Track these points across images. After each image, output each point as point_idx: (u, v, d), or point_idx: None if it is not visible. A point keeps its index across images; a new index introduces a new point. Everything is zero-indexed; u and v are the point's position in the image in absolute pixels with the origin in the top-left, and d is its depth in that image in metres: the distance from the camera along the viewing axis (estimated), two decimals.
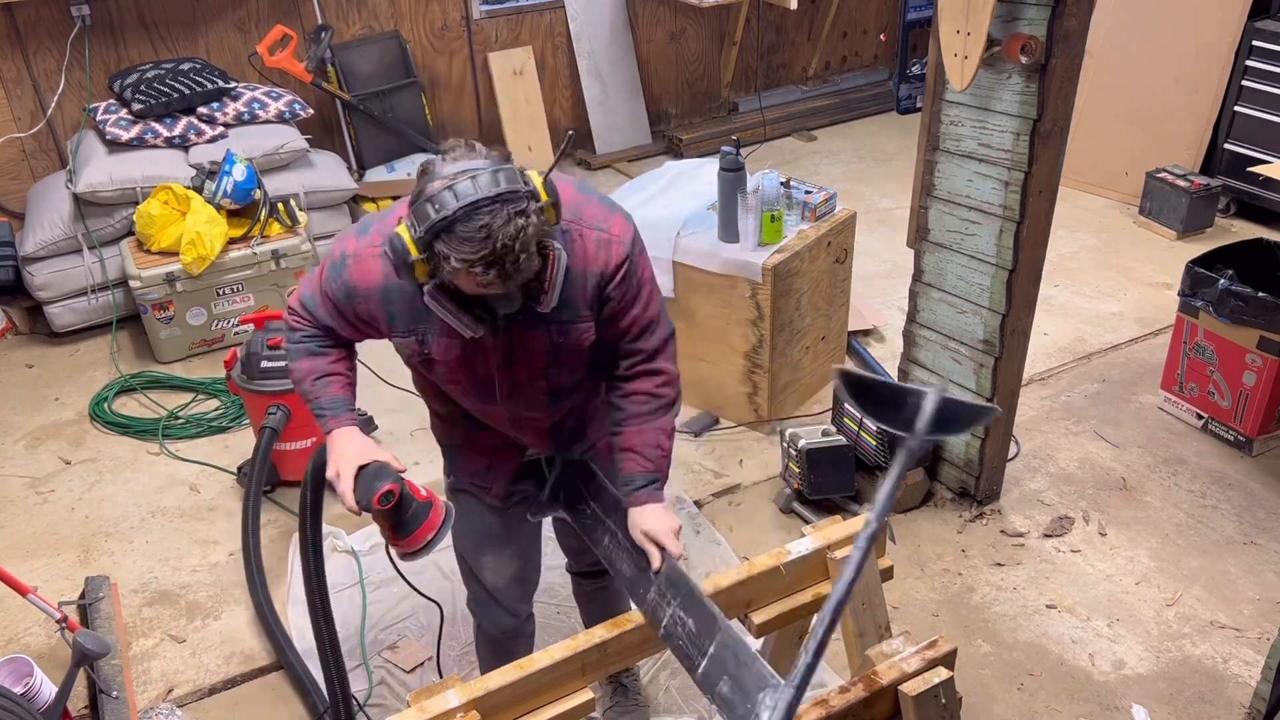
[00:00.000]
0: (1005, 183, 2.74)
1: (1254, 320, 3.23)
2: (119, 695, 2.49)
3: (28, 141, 4.53)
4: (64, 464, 3.53)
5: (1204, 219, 4.80)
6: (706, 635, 1.68)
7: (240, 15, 4.81)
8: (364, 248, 1.75)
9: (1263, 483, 3.26)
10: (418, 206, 1.55)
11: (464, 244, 1.52)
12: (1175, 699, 2.55)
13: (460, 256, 1.52)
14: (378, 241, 1.71)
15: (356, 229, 1.81)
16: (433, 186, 1.54)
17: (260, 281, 4.10)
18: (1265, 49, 4.58)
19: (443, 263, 1.55)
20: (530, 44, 5.58)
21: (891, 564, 2.03)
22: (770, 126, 6.14)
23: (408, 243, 1.56)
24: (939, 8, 2.66)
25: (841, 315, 3.77)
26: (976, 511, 3.17)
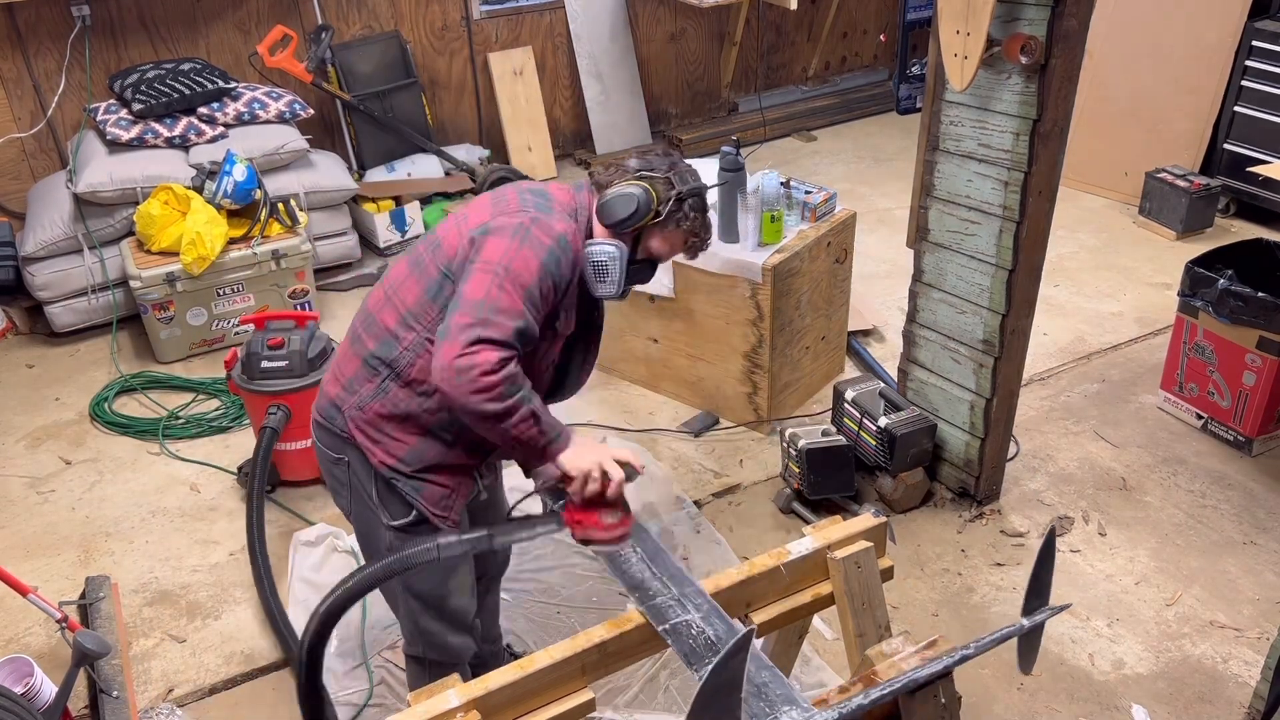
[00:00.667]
0: (1005, 183, 2.74)
1: (1254, 320, 3.23)
2: (119, 695, 2.49)
3: (28, 141, 4.54)
4: (64, 464, 3.53)
5: (1204, 219, 4.80)
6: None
7: (240, 15, 4.82)
8: (569, 226, 1.94)
9: (1262, 483, 3.26)
10: (677, 173, 1.99)
11: (707, 213, 2.06)
12: (1175, 699, 2.55)
13: (705, 221, 2.05)
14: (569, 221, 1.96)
15: (537, 208, 1.94)
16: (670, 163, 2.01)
17: (260, 281, 4.10)
18: (1265, 49, 4.59)
19: (683, 219, 2.01)
20: (530, 44, 5.58)
21: (891, 564, 2.03)
22: (770, 126, 6.15)
23: (654, 195, 1.97)
24: (939, 8, 2.66)
25: (841, 315, 3.78)
26: (976, 511, 3.17)
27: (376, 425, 1.99)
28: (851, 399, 3.21)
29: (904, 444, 3.06)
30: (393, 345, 1.96)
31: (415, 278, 1.98)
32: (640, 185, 1.97)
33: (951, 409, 3.14)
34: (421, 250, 2.02)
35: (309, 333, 3.20)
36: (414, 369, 1.95)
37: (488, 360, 1.77)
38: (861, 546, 1.94)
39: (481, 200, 2.02)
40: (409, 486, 2.02)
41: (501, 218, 1.91)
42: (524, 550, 2.97)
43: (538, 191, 2.01)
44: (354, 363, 2.02)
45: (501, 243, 1.86)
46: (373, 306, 2.04)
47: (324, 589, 2.85)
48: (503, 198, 1.99)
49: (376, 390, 1.97)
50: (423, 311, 1.95)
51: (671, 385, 3.73)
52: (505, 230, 1.88)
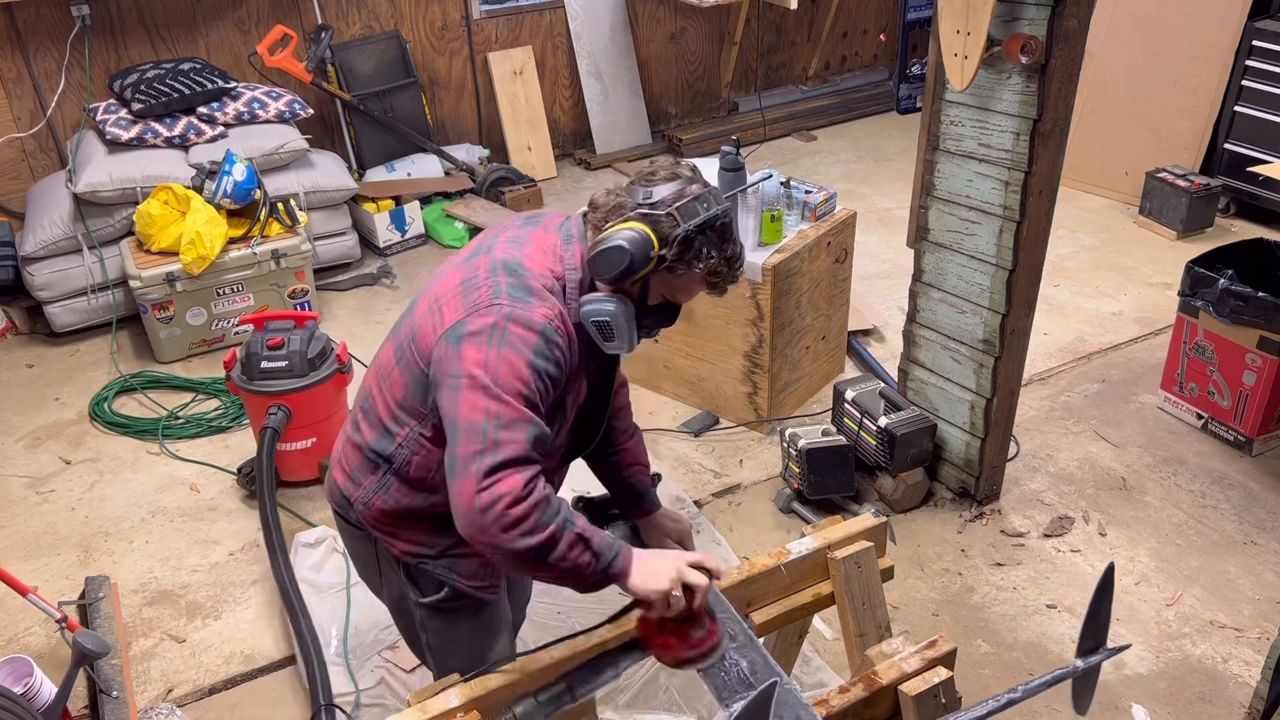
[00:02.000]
0: (1005, 183, 2.74)
1: (1254, 320, 3.23)
2: (119, 695, 2.49)
3: (28, 141, 4.54)
4: (64, 464, 3.53)
5: (1204, 219, 4.80)
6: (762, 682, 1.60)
7: (240, 15, 4.81)
8: (552, 308, 1.67)
9: (1263, 483, 3.26)
10: (680, 208, 1.67)
11: (728, 243, 1.72)
12: (1175, 699, 2.55)
13: (725, 254, 1.72)
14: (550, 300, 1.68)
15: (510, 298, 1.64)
16: (677, 190, 1.69)
17: (260, 281, 4.10)
18: (1265, 49, 4.58)
19: (695, 260, 1.69)
20: (530, 44, 5.58)
21: (892, 564, 2.03)
22: (770, 126, 6.15)
23: (652, 239, 1.66)
24: (939, 8, 2.66)
25: (841, 315, 3.78)
26: (976, 511, 3.17)
27: (387, 520, 1.85)
28: (851, 399, 3.21)
29: (904, 444, 3.06)
30: (388, 440, 1.80)
31: (401, 369, 1.77)
32: (635, 230, 1.66)
33: (951, 409, 3.14)
34: (404, 336, 1.79)
35: (309, 332, 3.20)
36: (411, 467, 1.79)
37: (513, 488, 1.53)
38: (862, 546, 1.94)
39: (452, 280, 1.74)
40: (439, 568, 1.87)
41: (474, 318, 1.63)
42: None
43: (513, 268, 1.70)
44: (355, 453, 1.87)
45: (479, 353, 1.60)
46: (368, 388, 1.88)
47: (324, 589, 2.88)
48: (473, 283, 1.69)
49: (379, 485, 1.83)
50: (412, 407, 1.77)
51: (671, 385, 3.73)
52: (480, 336, 1.61)
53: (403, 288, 4.61)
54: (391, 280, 4.64)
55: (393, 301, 4.51)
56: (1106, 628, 1.79)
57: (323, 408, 3.22)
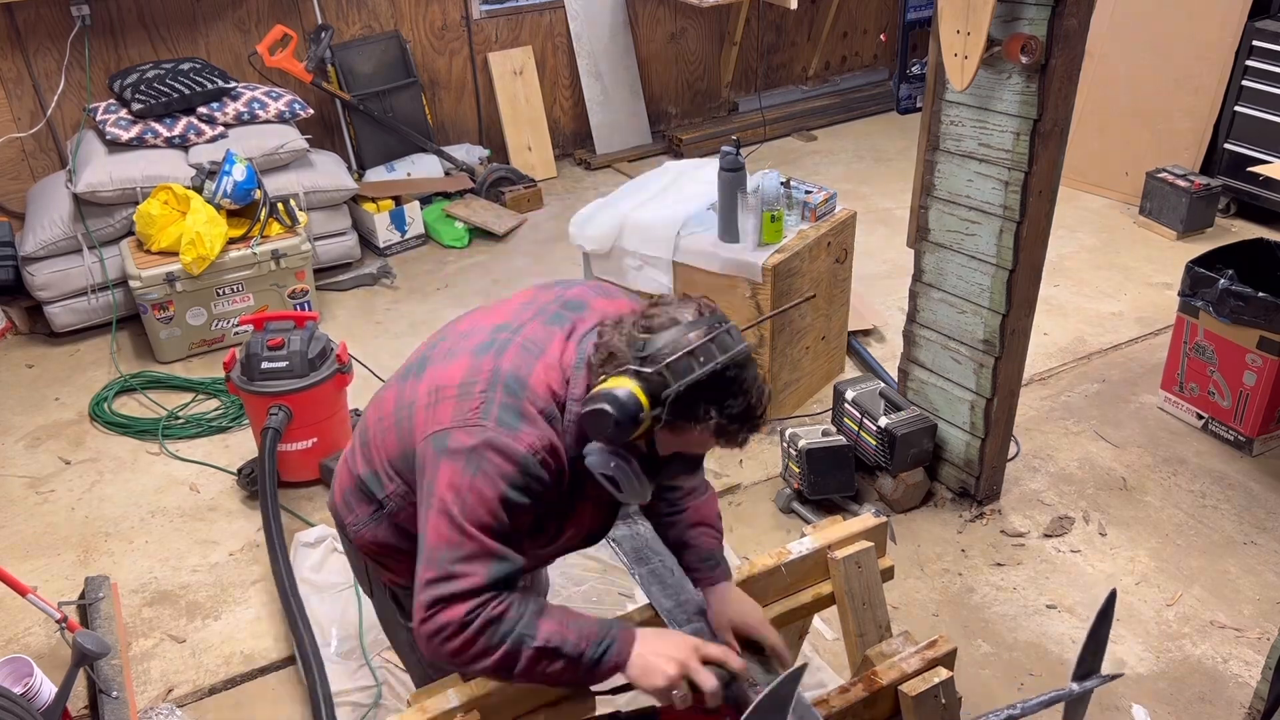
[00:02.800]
0: (1005, 183, 2.74)
1: (1254, 320, 3.23)
2: (119, 695, 2.49)
3: (28, 141, 4.54)
4: (64, 464, 3.53)
5: (1204, 219, 4.80)
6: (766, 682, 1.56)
7: (240, 15, 4.81)
8: (541, 437, 1.56)
9: (1263, 483, 3.26)
10: (676, 362, 1.50)
11: (737, 397, 1.53)
12: (1175, 699, 2.55)
13: (733, 411, 1.53)
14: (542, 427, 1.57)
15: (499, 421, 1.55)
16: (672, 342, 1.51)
17: (260, 281, 4.10)
18: (1265, 49, 4.58)
19: (694, 420, 1.53)
20: (530, 44, 5.58)
21: (892, 564, 2.03)
22: (770, 126, 6.15)
23: (640, 399, 1.49)
24: (939, 8, 2.66)
25: (841, 315, 3.78)
26: (976, 511, 3.17)
27: (376, 549, 1.81)
28: (851, 399, 3.21)
29: (904, 444, 3.06)
30: (379, 486, 1.75)
31: (395, 432, 1.70)
32: (624, 390, 1.50)
33: (952, 409, 3.14)
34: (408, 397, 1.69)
35: (309, 333, 3.20)
36: (400, 516, 1.73)
37: (450, 619, 1.50)
38: (862, 546, 1.94)
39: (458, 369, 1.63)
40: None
41: (458, 433, 1.55)
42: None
43: (513, 384, 1.59)
44: (351, 480, 1.81)
45: (454, 473, 1.54)
46: (370, 418, 1.81)
47: (324, 589, 2.88)
48: (470, 390, 1.59)
49: (371, 518, 1.78)
50: (398, 472, 1.71)
51: None
52: (459, 456, 1.54)
53: (403, 288, 4.61)
54: (391, 280, 4.64)
55: (393, 301, 4.51)
56: (1103, 653, 1.79)
57: (323, 408, 3.22)
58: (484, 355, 1.63)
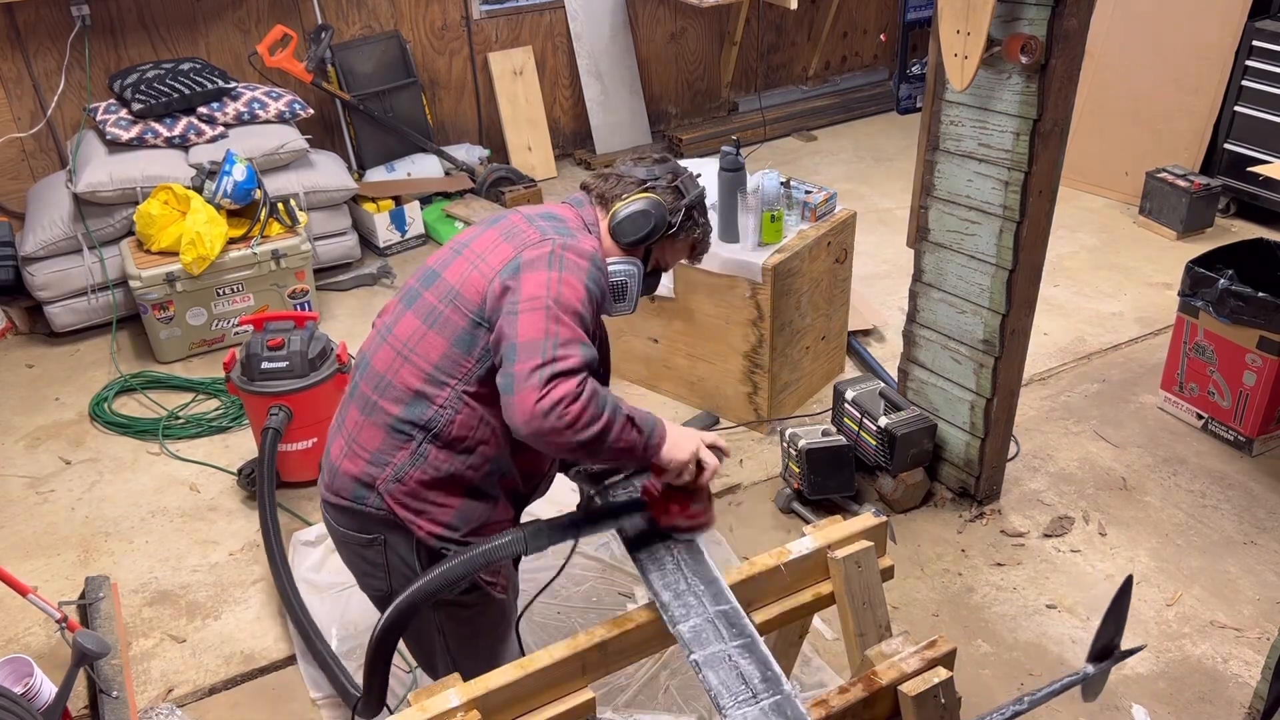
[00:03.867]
0: (1005, 183, 2.74)
1: (1254, 320, 3.23)
2: (119, 695, 2.49)
3: (28, 141, 4.54)
4: (64, 464, 3.53)
5: (1204, 219, 4.80)
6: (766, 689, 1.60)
7: (240, 15, 4.82)
8: (594, 242, 1.89)
9: (1263, 483, 3.26)
10: (682, 182, 1.97)
11: (706, 216, 2.05)
12: (1175, 699, 2.55)
13: (707, 225, 2.06)
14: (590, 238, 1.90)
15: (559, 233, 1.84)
16: (672, 170, 1.98)
17: (260, 281, 4.10)
18: (1265, 49, 4.59)
19: (693, 228, 2.01)
20: (530, 44, 5.58)
21: (892, 564, 2.03)
22: (770, 126, 6.15)
23: (666, 210, 1.94)
24: (939, 8, 2.66)
25: (841, 315, 3.78)
26: (976, 511, 3.17)
27: (418, 495, 1.84)
28: (851, 399, 3.21)
29: (904, 444, 3.06)
30: (423, 406, 1.81)
31: (436, 330, 1.83)
32: (650, 198, 1.93)
33: (951, 409, 3.14)
34: (432, 300, 1.86)
35: (309, 333, 3.20)
36: (454, 426, 1.81)
37: (567, 390, 1.65)
38: (862, 546, 1.94)
39: (489, 236, 1.88)
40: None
41: (528, 250, 1.79)
42: None
43: (548, 215, 1.91)
44: (377, 433, 1.85)
45: (540, 275, 1.75)
46: (382, 366, 1.87)
47: (324, 589, 2.88)
48: (516, 230, 1.85)
49: (413, 456, 1.82)
50: (454, 365, 1.81)
51: (671, 385, 3.73)
52: (539, 262, 1.77)
53: None
54: (391, 280, 4.64)
55: None
56: (1120, 636, 1.83)
57: (323, 408, 3.21)
58: (500, 221, 1.92)
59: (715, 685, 1.60)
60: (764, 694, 1.58)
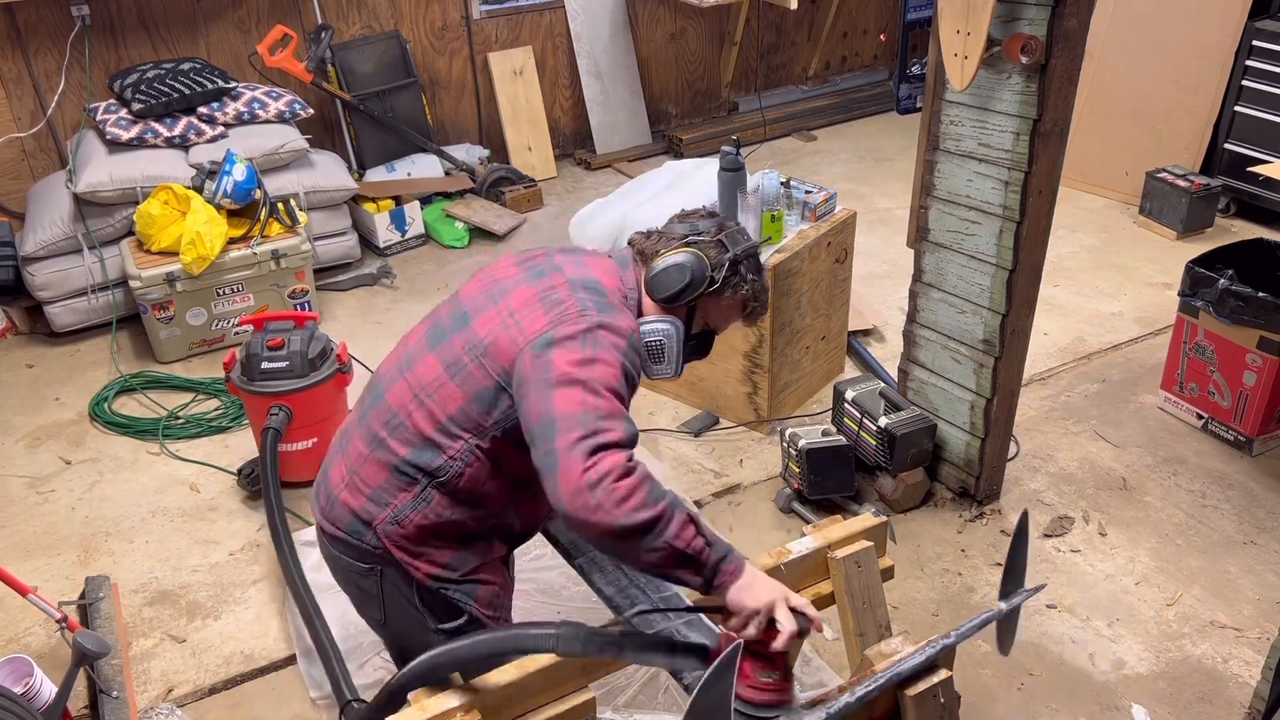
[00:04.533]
0: (1005, 183, 2.74)
1: (1254, 320, 3.23)
2: (119, 695, 2.49)
3: (28, 141, 4.54)
4: (64, 464, 3.53)
5: (1204, 219, 4.80)
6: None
7: (240, 15, 4.82)
8: (631, 321, 1.77)
9: (1263, 483, 3.26)
10: (726, 235, 1.85)
11: (762, 273, 1.90)
12: (1175, 699, 2.55)
13: (763, 282, 1.90)
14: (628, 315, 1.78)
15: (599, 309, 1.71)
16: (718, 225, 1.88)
17: (260, 281, 4.10)
18: (1265, 49, 4.58)
19: (740, 284, 1.85)
20: (530, 44, 5.58)
21: (892, 564, 2.04)
22: (770, 126, 6.15)
23: (705, 262, 1.81)
24: (939, 8, 2.66)
25: (841, 315, 3.78)
26: (976, 511, 3.17)
27: (416, 539, 1.80)
28: (851, 399, 3.21)
29: (904, 444, 3.06)
30: (433, 453, 1.76)
31: (458, 383, 1.75)
32: (690, 253, 1.81)
33: (951, 409, 3.14)
34: (459, 349, 1.78)
35: (309, 333, 3.20)
36: (462, 479, 1.77)
37: (616, 463, 1.55)
38: (862, 546, 1.95)
39: (527, 293, 1.76)
40: (460, 593, 1.87)
41: (564, 326, 1.68)
42: (523, 551, 2.97)
43: (590, 285, 1.77)
44: (381, 471, 1.80)
45: (575, 353, 1.64)
46: (395, 404, 1.81)
47: (324, 588, 2.87)
48: (556, 297, 1.73)
49: (415, 500, 1.78)
50: (471, 421, 1.75)
51: (671, 385, 3.73)
52: (574, 340, 1.66)
53: (403, 287, 4.61)
54: (391, 280, 4.64)
55: (392, 301, 4.51)
56: (1024, 572, 1.86)
57: (323, 408, 3.22)
58: (544, 276, 1.80)
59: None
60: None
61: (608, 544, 1.59)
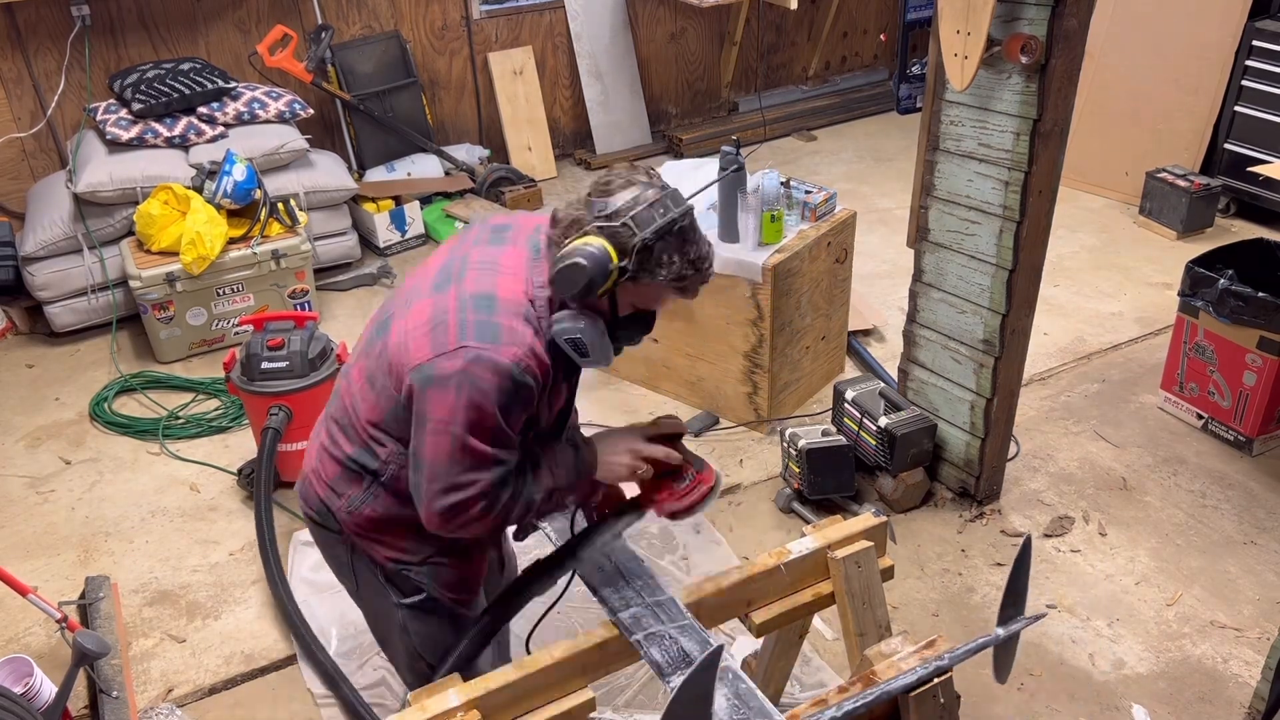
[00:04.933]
0: (1005, 183, 2.74)
1: (1254, 320, 3.23)
2: (119, 695, 2.49)
3: (28, 141, 4.53)
4: (64, 464, 3.53)
5: (1204, 219, 4.80)
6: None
7: (240, 15, 4.81)
8: (521, 344, 1.65)
9: (1263, 483, 3.26)
10: (639, 214, 1.65)
11: (693, 245, 1.70)
12: (1175, 699, 2.55)
13: (689, 258, 1.69)
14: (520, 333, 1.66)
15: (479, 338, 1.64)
16: (633, 198, 1.68)
17: (260, 281, 4.10)
18: (1265, 49, 4.58)
19: (659, 268, 1.67)
20: (530, 44, 5.58)
21: (892, 564, 2.03)
22: (770, 126, 6.14)
23: (610, 253, 1.64)
24: (939, 8, 2.66)
25: (841, 315, 3.78)
26: (976, 511, 3.17)
27: (370, 528, 1.87)
28: (851, 399, 3.21)
29: (904, 444, 3.06)
30: (371, 455, 1.82)
31: (376, 394, 1.78)
32: (593, 245, 1.64)
33: (951, 409, 3.14)
34: (375, 359, 1.79)
35: (308, 333, 3.20)
36: (399, 482, 1.80)
37: (467, 514, 1.70)
38: (862, 546, 1.94)
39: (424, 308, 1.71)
40: (420, 575, 1.92)
41: (441, 361, 1.63)
42: (524, 549, 2.97)
43: (482, 302, 1.68)
44: (334, 465, 1.87)
45: (447, 399, 1.63)
46: (346, 399, 1.87)
47: (324, 588, 2.88)
48: (442, 322, 1.67)
49: (364, 494, 1.84)
50: (393, 427, 1.78)
51: (671, 385, 3.73)
52: (448, 381, 1.63)
53: None
54: (391, 280, 4.64)
55: None
56: (1025, 598, 1.86)
57: (323, 408, 3.21)
58: (444, 289, 1.73)
59: (659, 659, 1.69)
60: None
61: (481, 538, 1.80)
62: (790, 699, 2.49)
